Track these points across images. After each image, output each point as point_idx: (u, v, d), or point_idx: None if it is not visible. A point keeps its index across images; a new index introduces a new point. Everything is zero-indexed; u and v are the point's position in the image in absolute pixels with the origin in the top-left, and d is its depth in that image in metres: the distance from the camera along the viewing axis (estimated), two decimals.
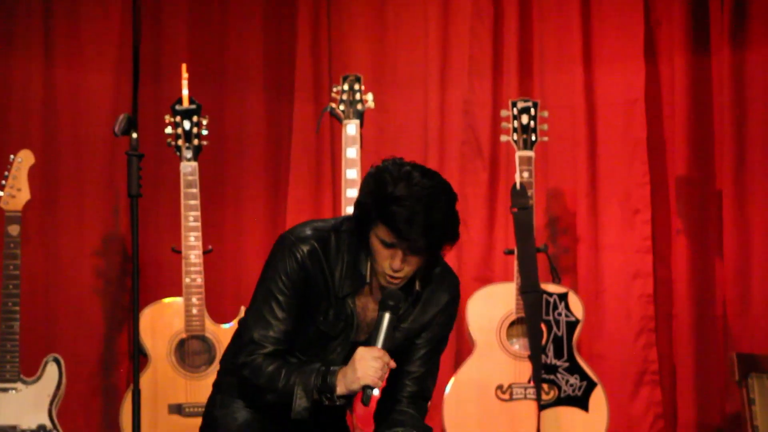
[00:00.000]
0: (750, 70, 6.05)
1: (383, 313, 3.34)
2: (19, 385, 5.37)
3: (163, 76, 6.12)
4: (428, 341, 3.51)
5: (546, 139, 5.81)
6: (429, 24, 6.34)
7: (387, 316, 3.34)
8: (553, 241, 6.22)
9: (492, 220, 6.26)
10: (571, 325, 5.64)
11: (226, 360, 3.61)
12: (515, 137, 5.75)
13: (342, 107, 5.74)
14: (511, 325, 5.64)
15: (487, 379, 5.61)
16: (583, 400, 5.62)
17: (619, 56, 6.19)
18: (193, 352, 5.59)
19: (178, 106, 5.67)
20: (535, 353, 5.54)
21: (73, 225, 6.05)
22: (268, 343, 3.40)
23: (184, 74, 5.68)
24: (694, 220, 6.15)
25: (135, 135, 4.70)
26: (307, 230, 3.42)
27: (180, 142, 5.64)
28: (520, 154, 5.74)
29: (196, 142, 5.65)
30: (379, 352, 3.31)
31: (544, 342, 5.60)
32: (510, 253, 5.73)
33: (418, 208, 3.22)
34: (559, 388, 5.61)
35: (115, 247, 6.07)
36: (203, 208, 5.62)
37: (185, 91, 5.68)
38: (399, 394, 3.52)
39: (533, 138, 5.75)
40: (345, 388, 3.32)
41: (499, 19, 6.29)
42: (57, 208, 6.04)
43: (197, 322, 5.56)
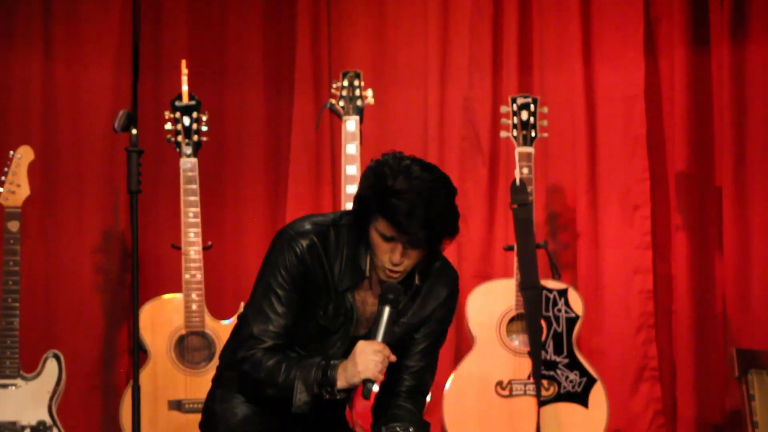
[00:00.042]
0: (750, 66, 6.05)
1: (383, 307, 3.33)
2: (18, 381, 5.37)
3: (162, 72, 6.11)
4: (427, 336, 3.51)
5: (546, 136, 5.81)
6: (429, 20, 6.33)
7: (387, 310, 3.34)
8: (553, 238, 6.21)
9: (492, 217, 6.26)
10: (571, 321, 5.64)
11: (226, 355, 3.60)
12: (515, 133, 5.75)
13: (342, 103, 5.74)
14: (511, 321, 5.64)
15: (487, 375, 5.60)
16: (582, 396, 5.62)
17: (619, 52, 6.19)
18: (193, 349, 5.59)
19: (177, 102, 5.66)
20: (535, 349, 5.54)
21: (73, 221, 6.05)
22: (267, 337, 3.39)
23: (184, 70, 5.67)
24: (694, 216, 6.15)
25: (135, 131, 4.70)
26: (306, 225, 3.41)
27: (180, 139, 5.63)
28: (519, 150, 5.74)
29: (195, 138, 5.64)
30: (380, 346, 3.31)
31: (543, 338, 5.60)
32: (510, 249, 5.73)
33: (418, 202, 3.21)
34: (559, 384, 5.61)
35: (115, 243, 6.07)
36: (203, 205, 5.62)
37: (185, 87, 5.67)
38: (397, 389, 3.51)
39: (533, 134, 5.75)
40: (346, 381, 3.32)
41: (499, 15, 6.29)
42: (57, 204, 6.03)
43: (197, 319, 5.56)
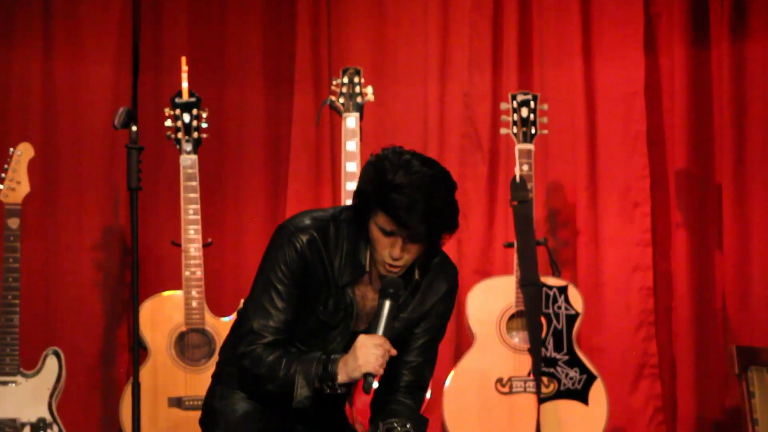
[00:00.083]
0: (750, 63, 6.05)
1: (383, 301, 3.33)
2: (18, 379, 5.36)
3: (162, 68, 6.11)
4: (426, 331, 3.51)
5: (546, 132, 5.81)
6: (429, 17, 6.33)
7: (387, 304, 3.33)
8: (553, 234, 6.21)
9: (492, 213, 6.26)
10: (571, 318, 5.64)
11: (226, 351, 3.60)
12: (515, 130, 5.75)
13: (342, 100, 5.74)
14: (511, 318, 5.64)
15: (487, 372, 5.60)
16: (582, 394, 5.62)
17: (619, 49, 6.19)
18: (193, 345, 5.59)
19: (177, 99, 5.66)
20: (535, 346, 5.54)
21: (73, 218, 6.05)
22: (267, 332, 3.39)
23: (184, 67, 5.67)
24: (694, 214, 6.14)
25: (135, 128, 4.70)
26: (306, 220, 3.41)
27: (180, 135, 5.63)
28: (519, 147, 5.74)
29: (195, 135, 5.64)
30: (380, 340, 3.31)
31: (543, 335, 5.59)
32: (510, 246, 5.72)
33: (418, 196, 3.21)
34: (559, 381, 5.60)
35: (115, 240, 6.07)
36: (203, 202, 5.62)
37: (185, 84, 5.67)
38: (396, 384, 3.52)
39: (533, 131, 5.75)
40: (346, 375, 3.31)
41: (499, 11, 6.28)
42: (57, 201, 6.02)
43: (197, 315, 5.56)
